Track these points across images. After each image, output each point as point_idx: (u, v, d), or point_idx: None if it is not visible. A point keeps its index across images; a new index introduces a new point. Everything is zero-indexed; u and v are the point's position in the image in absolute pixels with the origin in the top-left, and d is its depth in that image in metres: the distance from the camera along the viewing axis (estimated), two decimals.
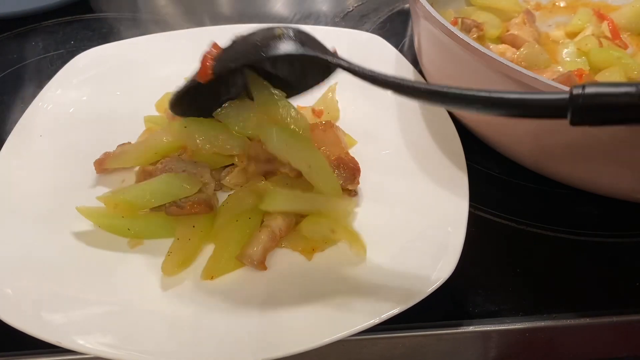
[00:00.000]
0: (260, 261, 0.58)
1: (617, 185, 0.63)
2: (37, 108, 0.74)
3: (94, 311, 0.54)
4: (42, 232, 0.61)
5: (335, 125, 0.69)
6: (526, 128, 0.63)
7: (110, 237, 0.61)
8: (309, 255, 0.60)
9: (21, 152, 0.68)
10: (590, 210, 0.69)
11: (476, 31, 0.87)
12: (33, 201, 0.64)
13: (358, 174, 0.65)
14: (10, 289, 0.55)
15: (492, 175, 0.73)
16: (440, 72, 0.74)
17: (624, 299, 0.60)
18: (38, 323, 0.52)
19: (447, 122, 0.72)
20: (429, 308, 0.53)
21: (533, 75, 0.55)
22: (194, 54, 0.84)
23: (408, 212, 0.64)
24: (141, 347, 0.51)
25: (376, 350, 0.57)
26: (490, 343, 0.59)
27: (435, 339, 0.57)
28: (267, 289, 0.57)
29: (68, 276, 0.57)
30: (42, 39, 0.99)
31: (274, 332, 0.52)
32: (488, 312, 0.58)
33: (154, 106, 0.77)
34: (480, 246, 0.64)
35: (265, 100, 0.63)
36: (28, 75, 0.91)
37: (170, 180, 0.61)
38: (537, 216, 0.68)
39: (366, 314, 0.52)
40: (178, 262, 0.59)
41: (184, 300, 0.56)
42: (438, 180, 0.65)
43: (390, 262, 0.58)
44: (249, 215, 0.62)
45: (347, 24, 1.06)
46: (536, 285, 0.61)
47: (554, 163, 0.65)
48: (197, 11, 1.11)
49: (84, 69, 0.81)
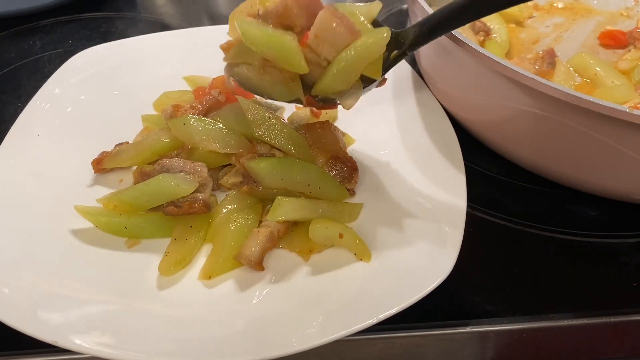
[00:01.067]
0: (257, 262, 0.58)
1: (614, 186, 0.64)
2: (35, 107, 0.74)
3: (91, 311, 0.54)
4: (39, 232, 0.61)
5: (334, 125, 0.69)
6: (524, 128, 0.63)
7: (108, 237, 0.61)
8: (306, 256, 0.60)
9: (19, 151, 0.68)
10: (588, 210, 0.69)
11: (483, 34, 0.87)
12: (30, 200, 0.64)
13: (356, 173, 0.65)
14: (7, 288, 0.55)
15: (489, 176, 0.74)
16: (438, 73, 0.74)
17: (621, 299, 0.60)
18: (35, 322, 0.51)
19: (445, 123, 0.72)
20: (426, 308, 0.53)
21: (532, 76, 0.55)
22: (192, 54, 0.85)
23: (405, 212, 0.64)
24: (138, 347, 0.50)
25: (374, 350, 0.57)
26: (488, 343, 0.59)
27: (432, 339, 0.57)
28: (264, 289, 0.57)
29: (65, 276, 0.57)
30: (39, 38, 0.99)
31: (271, 332, 0.52)
32: (485, 312, 0.58)
33: (152, 105, 0.77)
34: (478, 246, 0.64)
35: (257, 120, 0.63)
36: (26, 74, 0.91)
37: (167, 181, 0.61)
38: (534, 216, 0.68)
39: (363, 314, 0.52)
40: (175, 262, 0.58)
41: (181, 300, 0.56)
42: (435, 180, 0.65)
43: (387, 262, 0.58)
44: (247, 215, 0.62)
45: None
46: (533, 285, 0.61)
47: (551, 163, 0.66)
48: (195, 11, 1.11)
49: (81, 68, 0.81)
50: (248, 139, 0.65)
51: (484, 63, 0.59)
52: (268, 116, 0.64)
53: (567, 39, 0.92)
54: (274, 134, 0.64)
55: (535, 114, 0.59)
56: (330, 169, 0.65)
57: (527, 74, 0.55)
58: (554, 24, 0.95)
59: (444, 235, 0.59)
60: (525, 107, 0.59)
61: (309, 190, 0.62)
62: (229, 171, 0.66)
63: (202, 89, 0.73)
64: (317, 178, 0.63)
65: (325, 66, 0.56)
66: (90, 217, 0.61)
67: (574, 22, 0.95)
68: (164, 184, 0.61)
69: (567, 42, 0.91)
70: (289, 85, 0.58)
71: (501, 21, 0.91)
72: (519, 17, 0.95)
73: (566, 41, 0.92)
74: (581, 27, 0.94)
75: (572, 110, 0.54)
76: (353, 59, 0.54)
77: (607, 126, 0.54)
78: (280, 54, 0.55)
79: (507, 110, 0.63)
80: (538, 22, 0.95)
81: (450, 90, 0.72)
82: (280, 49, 0.55)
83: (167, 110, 0.70)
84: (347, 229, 0.61)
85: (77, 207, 0.61)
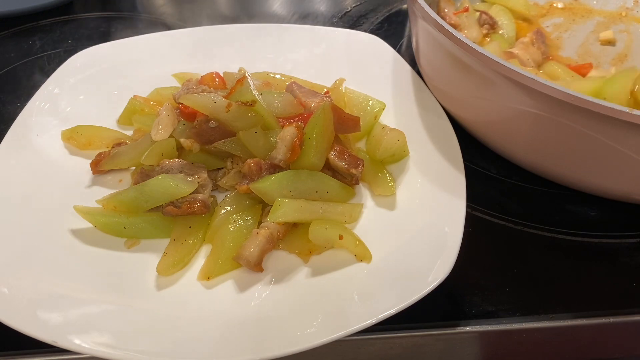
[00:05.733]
0: (256, 263, 0.57)
1: (614, 186, 0.63)
2: (35, 107, 0.74)
3: (90, 311, 0.54)
4: (38, 232, 0.61)
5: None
6: (524, 128, 0.63)
7: (107, 237, 0.61)
8: (305, 257, 0.60)
9: (18, 151, 0.68)
10: (587, 210, 0.69)
11: (488, 28, 0.87)
12: (30, 200, 0.64)
13: (361, 162, 0.66)
14: (7, 288, 0.55)
15: (489, 176, 0.74)
16: (437, 73, 0.74)
17: (621, 299, 0.60)
18: (34, 322, 0.51)
19: (444, 122, 0.72)
20: (426, 308, 0.53)
21: (531, 76, 0.55)
22: (192, 54, 0.85)
23: (405, 212, 0.64)
24: (137, 347, 0.50)
25: (373, 350, 0.57)
26: (488, 343, 0.59)
27: (432, 339, 0.57)
28: (263, 290, 0.57)
29: (64, 276, 0.57)
30: (39, 37, 0.99)
31: (270, 333, 0.52)
32: (485, 313, 0.58)
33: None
34: (478, 246, 0.64)
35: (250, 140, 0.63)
36: (25, 74, 0.91)
37: (167, 181, 0.61)
38: (534, 216, 0.68)
39: (363, 314, 0.52)
40: (173, 262, 0.58)
41: (181, 300, 0.56)
42: (435, 181, 0.65)
43: (387, 262, 0.58)
44: (246, 216, 0.62)
45: (345, 24, 1.06)
46: (533, 285, 0.61)
47: (551, 163, 0.65)
48: (194, 11, 1.11)
49: (81, 68, 0.81)
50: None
51: (484, 63, 0.59)
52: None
53: (567, 39, 0.92)
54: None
55: (535, 114, 0.59)
56: (339, 159, 0.65)
57: (527, 74, 0.55)
58: (553, 24, 0.95)
59: (444, 235, 0.58)
60: (525, 107, 0.59)
61: (318, 196, 0.63)
62: (227, 173, 0.66)
63: (209, 75, 0.74)
64: (323, 183, 0.63)
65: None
66: (89, 217, 0.61)
67: (573, 22, 0.95)
68: (164, 184, 0.61)
69: (567, 42, 0.91)
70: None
71: (510, 17, 0.91)
72: (527, 14, 0.95)
73: (566, 41, 0.92)
74: (581, 27, 0.94)
75: (572, 110, 0.54)
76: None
77: (606, 126, 0.54)
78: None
79: (507, 111, 0.63)
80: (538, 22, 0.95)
81: (450, 90, 0.72)
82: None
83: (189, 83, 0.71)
84: (347, 230, 0.61)
85: (77, 207, 0.61)
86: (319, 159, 0.64)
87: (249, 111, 0.63)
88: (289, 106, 0.69)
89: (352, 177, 0.65)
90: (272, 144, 0.64)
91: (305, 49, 0.86)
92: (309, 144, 0.63)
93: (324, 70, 0.82)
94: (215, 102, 0.63)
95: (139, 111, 0.74)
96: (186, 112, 0.67)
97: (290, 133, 0.63)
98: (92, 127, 0.72)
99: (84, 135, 0.71)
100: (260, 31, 0.88)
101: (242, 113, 0.63)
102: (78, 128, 0.71)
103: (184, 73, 0.81)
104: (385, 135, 0.68)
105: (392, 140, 0.67)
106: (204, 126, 0.64)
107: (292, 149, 0.63)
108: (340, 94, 0.75)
